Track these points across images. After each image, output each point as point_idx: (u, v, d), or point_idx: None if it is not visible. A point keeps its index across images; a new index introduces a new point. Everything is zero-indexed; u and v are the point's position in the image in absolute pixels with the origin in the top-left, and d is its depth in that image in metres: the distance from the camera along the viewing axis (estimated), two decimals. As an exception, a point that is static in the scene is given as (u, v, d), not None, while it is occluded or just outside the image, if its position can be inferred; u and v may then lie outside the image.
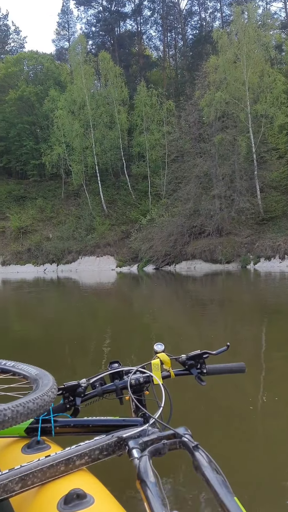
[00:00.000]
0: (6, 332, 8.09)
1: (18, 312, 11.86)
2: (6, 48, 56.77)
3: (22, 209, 38.92)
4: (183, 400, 3.18)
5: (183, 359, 1.29)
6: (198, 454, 0.79)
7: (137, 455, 0.83)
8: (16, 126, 41.97)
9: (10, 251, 35.87)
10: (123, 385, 1.19)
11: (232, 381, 3.58)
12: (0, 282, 25.85)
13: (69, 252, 33.36)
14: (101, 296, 15.69)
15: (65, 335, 7.62)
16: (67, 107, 35.41)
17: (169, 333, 7.18)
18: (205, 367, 1.28)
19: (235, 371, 1.30)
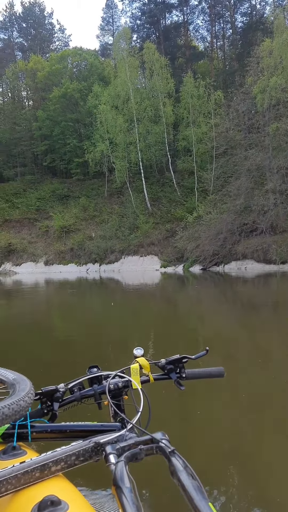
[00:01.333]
0: (49, 332, 8.36)
1: (62, 314, 11.81)
2: (51, 47, 57.76)
3: (65, 208, 39.11)
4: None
5: (163, 364, 1.29)
6: (174, 460, 0.80)
7: (114, 461, 0.84)
8: (60, 124, 42.38)
9: (53, 251, 36.06)
10: (102, 390, 1.18)
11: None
12: (44, 282, 26.15)
13: (111, 251, 32.91)
14: (144, 298, 15.23)
15: (106, 337, 7.48)
16: (111, 102, 35.07)
17: (218, 340, 6.78)
18: (184, 372, 1.29)
19: (214, 375, 1.31)
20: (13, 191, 43.63)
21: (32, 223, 39.46)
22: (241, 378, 4.53)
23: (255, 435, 3.21)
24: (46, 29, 58.96)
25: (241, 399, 4.02)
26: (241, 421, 3.50)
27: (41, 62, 48.07)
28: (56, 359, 5.99)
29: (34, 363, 5.73)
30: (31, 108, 49.58)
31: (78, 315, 11.16)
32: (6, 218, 40.37)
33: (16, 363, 5.54)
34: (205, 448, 2.99)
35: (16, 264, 36.43)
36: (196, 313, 10.72)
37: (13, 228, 39.76)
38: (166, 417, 3.21)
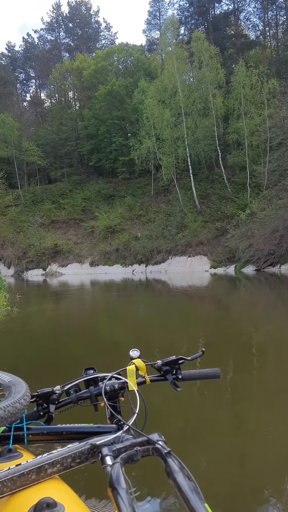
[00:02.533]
0: (94, 334, 8.48)
1: (107, 315, 11.81)
2: (97, 46, 58.15)
3: (111, 208, 38.92)
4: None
5: (159, 365, 1.31)
6: (170, 461, 0.82)
7: (110, 462, 0.85)
8: (106, 122, 42.39)
9: (99, 251, 35.92)
10: (98, 391, 1.20)
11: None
12: (89, 284, 26.09)
13: (158, 251, 32.15)
14: (193, 301, 14.64)
15: (150, 341, 7.33)
16: (157, 96, 34.37)
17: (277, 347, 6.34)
18: (180, 373, 1.30)
19: (210, 377, 1.32)
20: (59, 192, 44.29)
21: (78, 224, 39.65)
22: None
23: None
24: (92, 28, 59.52)
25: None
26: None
27: (87, 60, 48.43)
28: (98, 361, 5.76)
29: (74, 365, 5.52)
30: (77, 107, 50.10)
31: (123, 317, 11.01)
32: (52, 219, 40.92)
33: (54, 366, 5.70)
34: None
35: (62, 265, 36.67)
36: (248, 318, 9.80)
37: (59, 229, 40.21)
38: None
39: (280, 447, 3.01)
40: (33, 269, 37.06)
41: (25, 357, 6.49)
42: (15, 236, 39.98)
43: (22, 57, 61.57)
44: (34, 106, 58.73)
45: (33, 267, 37.18)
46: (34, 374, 4.99)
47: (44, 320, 10.81)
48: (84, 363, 1.32)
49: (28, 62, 60.67)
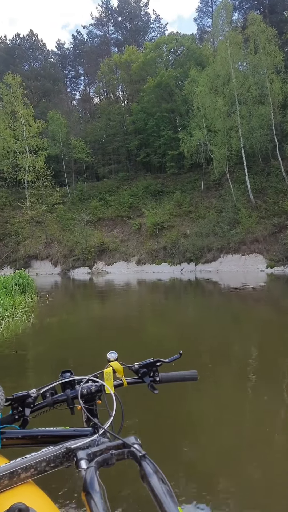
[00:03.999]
0: (139, 336, 8.36)
1: (154, 317, 11.46)
2: (146, 38, 57.42)
3: (159, 204, 37.98)
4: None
5: (136, 368, 1.32)
6: (145, 464, 0.83)
7: (85, 466, 0.86)
8: (154, 115, 41.53)
9: (145, 250, 35.04)
10: (74, 394, 1.21)
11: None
12: (136, 283, 25.55)
13: (209, 250, 30.73)
14: (247, 303, 13.64)
15: (197, 345, 7.09)
16: (209, 84, 32.87)
17: None
18: (158, 375, 1.32)
19: (187, 379, 1.34)
20: (106, 189, 44.04)
21: (125, 221, 39.04)
22: None
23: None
24: (141, 21, 58.94)
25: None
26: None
27: (136, 53, 47.81)
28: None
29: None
30: (125, 102, 49.71)
31: (171, 320, 10.59)
32: (99, 216, 40.64)
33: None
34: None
35: (108, 264, 36.19)
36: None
37: (106, 227, 39.85)
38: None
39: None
40: (79, 268, 36.87)
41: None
42: (62, 234, 40.10)
43: (71, 55, 62.27)
44: (83, 103, 59.14)
45: (79, 265, 37.01)
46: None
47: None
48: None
49: (78, 60, 61.25)
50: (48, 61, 61.24)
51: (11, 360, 6.29)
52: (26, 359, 6.52)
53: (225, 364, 5.85)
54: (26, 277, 14.79)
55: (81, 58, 60.01)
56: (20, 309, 11.41)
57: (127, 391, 1.32)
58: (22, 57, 59.04)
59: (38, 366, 6.11)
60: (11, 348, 7.13)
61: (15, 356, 6.56)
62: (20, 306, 11.67)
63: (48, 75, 56.43)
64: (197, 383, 5.29)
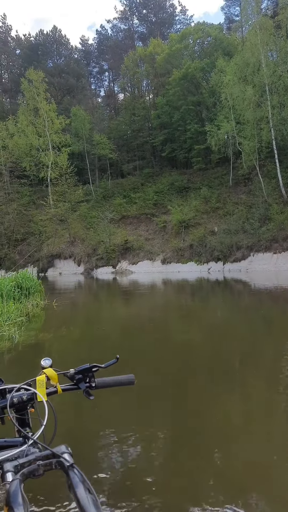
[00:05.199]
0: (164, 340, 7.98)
1: (179, 319, 11.00)
2: (172, 30, 56.40)
3: (185, 201, 37.03)
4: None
5: (72, 374, 1.31)
6: (72, 474, 0.84)
7: (10, 479, 0.85)
8: (180, 109, 40.53)
9: (171, 248, 34.15)
10: (4, 404, 1.17)
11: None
12: (161, 283, 24.97)
13: (238, 248, 29.64)
14: (279, 305, 12.77)
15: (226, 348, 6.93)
16: (238, 73, 31.63)
17: None
18: (94, 381, 1.31)
19: (124, 383, 1.35)
20: (130, 186, 43.39)
21: (149, 219, 38.24)
22: None
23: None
24: (166, 13, 57.98)
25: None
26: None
27: (161, 45, 46.93)
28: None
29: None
30: (150, 96, 48.97)
31: (199, 324, 10.02)
32: (123, 214, 39.99)
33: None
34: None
35: (132, 263, 35.46)
36: None
37: (130, 225, 39.17)
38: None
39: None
40: (102, 267, 36.30)
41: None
42: (85, 233, 39.66)
43: (95, 50, 61.96)
44: (107, 99, 58.73)
45: (102, 264, 36.43)
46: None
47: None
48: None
49: (102, 55, 60.88)
50: (72, 57, 61.14)
51: None
52: None
53: (255, 370, 5.43)
54: (29, 278, 13.11)
55: (105, 53, 59.62)
56: (14, 318, 9.92)
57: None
58: (46, 54, 59.13)
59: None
60: None
61: None
62: (13, 315, 10.06)
63: (71, 71, 56.29)
64: (224, 394, 4.61)
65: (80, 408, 4.27)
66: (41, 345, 7.89)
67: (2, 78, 65.29)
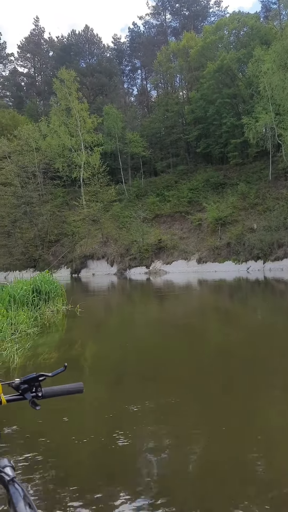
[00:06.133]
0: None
1: (223, 324, 10.28)
2: (205, 23, 55.01)
3: (221, 198, 35.70)
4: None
5: (17, 384, 1.27)
6: (12, 488, 0.81)
7: None
8: (215, 102, 39.22)
9: (207, 247, 32.90)
10: None
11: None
12: (197, 283, 24.17)
13: (279, 245, 28.24)
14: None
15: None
16: (278, 61, 30.00)
17: None
18: (40, 390, 1.28)
19: (73, 392, 1.32)
20: (164, 184, 42.49)
21: (184, 217, 37.12)
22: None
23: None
24: (200, 5, 56.64)
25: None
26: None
27: (194, 38, 45.74)
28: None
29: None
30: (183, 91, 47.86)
31: (240, 327, 9.31)
32: (156, 213, 39.09)
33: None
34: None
35: (166, 263, 34.45)
36: None
37: (163, 224, 38.23)
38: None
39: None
40: (135, 267, 35.48)
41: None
42: (118, 232, 39.03)
43: (128, 49, 61.48)
44: (140, 97, 58.09)
45: (135, 264, 35.61)
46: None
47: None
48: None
49: (134, 53, 60.32)
50: (104, 56, 60.96)
51: None
52: None
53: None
54: (49, 281, 11.74)
55: (137, 51, 59.00)
56: (24, 329, 8.57)
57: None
58: (78, 54, 59.23)
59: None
60: None
61: None
62: (23, 326, 8.63)
63: (104, 70, 56.05)
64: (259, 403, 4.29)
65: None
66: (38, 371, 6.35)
67: (36, 80, 66.10)
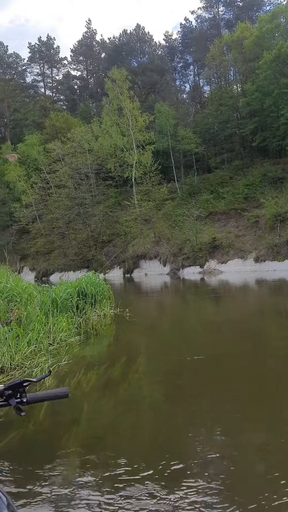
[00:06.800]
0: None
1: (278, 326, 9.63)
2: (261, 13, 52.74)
3: (280, 193, 33.96)
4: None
5: (1, 390, 1.26)
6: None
7: None
8: (272, 93, 37.32)
9: (265, 245, 31.35)
10: None
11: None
12: (254, 283, 23.33)
13: None
14: None
15: None
16: None
17: None
18: (25, 396, 1.26)
19: (58, 397, 1.32)
20: (218, 180, 41.23)
21: (239, 214, 35.63)
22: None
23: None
24: (255, -5, 54.40)
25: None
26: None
27: (249, 29, 43.87)
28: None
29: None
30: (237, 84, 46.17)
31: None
32: (210, 210, 37.91)
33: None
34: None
35: (221, 262, 33.19)
36: None
37: (218, 221, 36.99)
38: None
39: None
40: (189, 267, 34.52)
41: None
42: (170, 232, 38.27)
43: (179, 45, 60.51)
44: (192, 93, 56.94)
45: (189, 264, 34.64)
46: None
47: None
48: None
49: (186, 49, 59.24)
50: (156, 54, 60.39)
51: None
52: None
53: None
54: (95, 282, 10.74)
55: (189, 47, 57.84)
56: (63, 338, 7.70)
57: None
58: (129, 53, 59.14)
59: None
60: None
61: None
62: (62, 334, 7.72)
63: (155, 68, 55.51)
64: None
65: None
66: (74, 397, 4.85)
67: (88, 83, 66.93)
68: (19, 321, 6.84)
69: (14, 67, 65.31)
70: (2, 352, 5.92)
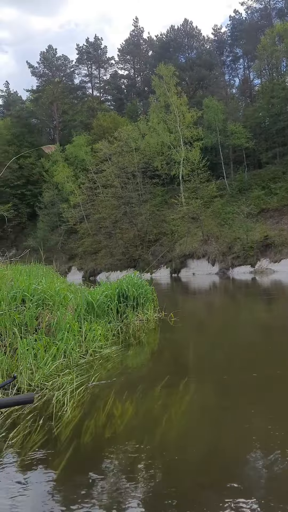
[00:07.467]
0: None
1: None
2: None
3: None
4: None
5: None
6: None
7: None
8: None
9: None
10: None
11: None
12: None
13: None
14: None
15: None
16: None
17: None
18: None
19: (22, 402, 1.30)
20: (270, 175, 39.30)
21: (293, 210, 33.47)
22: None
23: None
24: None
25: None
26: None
27: (303, 15, 41.32)
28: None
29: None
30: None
31: None
32: (262, 207, 36.07)
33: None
34: None
35: (274, 261, 31.35)
36: None
37: (270, 218, 35.08)
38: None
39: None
40: (239, 266, 32.93)
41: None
42: (219, 230, 36.80)
43: (229, 38, 58.50)
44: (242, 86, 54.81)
45: (239, 263, 33.04)
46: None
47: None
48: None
49: (236, 42, 57.15)
50: (204, 49, 58.71)
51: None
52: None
53: None
54: (137, 284, 9.67)
55: (239, 39, 55.72)
56: (97, 349, 6.69)
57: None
58: (177, 49, 57.90)
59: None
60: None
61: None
62: (97, 343, 6.78)
63: (203, 63, 53.92)
64: None
65: None
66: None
67: (136, 82, 66.43)
68: (48, 328, 6.03)
69: (63, 69, 66.16)
70: (19, 371, 4.98)
